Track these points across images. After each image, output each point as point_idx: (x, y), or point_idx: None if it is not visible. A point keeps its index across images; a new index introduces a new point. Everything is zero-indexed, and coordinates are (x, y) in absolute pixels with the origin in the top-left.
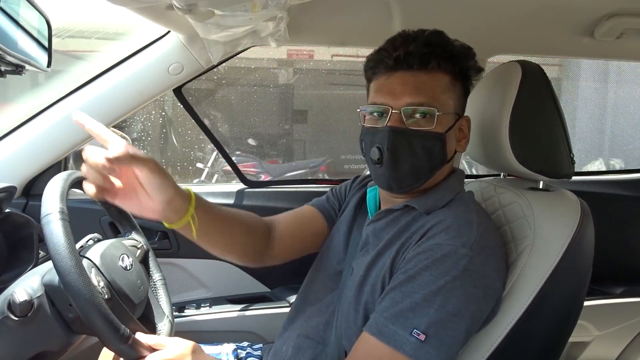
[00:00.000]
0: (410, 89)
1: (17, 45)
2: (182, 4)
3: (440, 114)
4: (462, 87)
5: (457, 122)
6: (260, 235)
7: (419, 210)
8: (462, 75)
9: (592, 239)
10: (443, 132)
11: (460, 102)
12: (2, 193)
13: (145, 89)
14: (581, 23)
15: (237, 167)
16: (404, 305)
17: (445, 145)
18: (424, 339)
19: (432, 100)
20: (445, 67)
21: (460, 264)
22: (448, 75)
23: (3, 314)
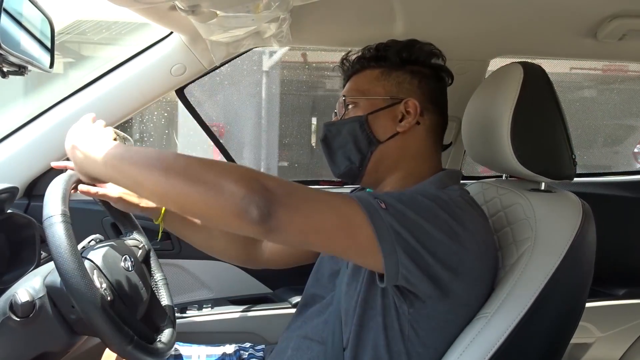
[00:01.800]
0: (344, 90)
1: (20, 45)
2: (185, 5)
3: (362, 98)
4: (404, 74)
5: (395, 106)
6: (243, 242)
7: None
8: (401, 65)
9: (594, 240)
10: (363, 114)
11: (397, 88)
12: (4, 194)
13: (147, 90)
14: (584, 24)
15: None
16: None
17: (368, 125)
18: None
19: (352, 92)
20: (370, 64)
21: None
22: (378, 68)
23: (5, 315)
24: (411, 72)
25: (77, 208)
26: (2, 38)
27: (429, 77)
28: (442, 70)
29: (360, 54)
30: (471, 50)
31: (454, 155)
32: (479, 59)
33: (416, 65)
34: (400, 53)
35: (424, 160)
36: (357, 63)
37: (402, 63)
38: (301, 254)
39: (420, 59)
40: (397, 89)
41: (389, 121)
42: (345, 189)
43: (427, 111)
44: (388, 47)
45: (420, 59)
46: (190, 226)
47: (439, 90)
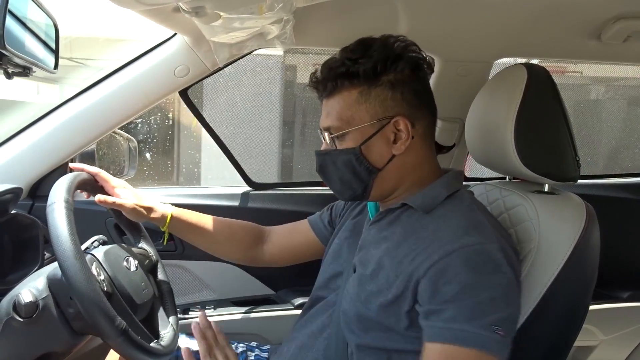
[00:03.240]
0: (323, 115)
1: (25, 47)
2: (189, 6)
3: (350, 130)
4: (384, 91)
5: (384, 128)
6: (245, 242)
7: (416, 209)
8: (378, 80)
9: (597, 242)
10: (356, 146)
11: (382, 107)
12: (8, 194)
13: (151, 91)
14: (588, 26)
15: (242, 169)
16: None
17: (363, 156)
18: (503, 334)
19: (336, 122)
20: (343, 84)
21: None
22: (353, 89)
23: (8, 315)
24: (390, 85)
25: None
26: (7, 39)
27: (410, 80)
28: (421, 64)
29: (328, 72)
30: (475, 52)
31: (457, 156)
32: (483, 61)
33: (392, 73)
34: (374, 68)
35: (425, 166)
36: (330, 83)
37: (377, 76)
38: (300, 253)
39: (396, 65)
40: (381, 108)
41: (383, 146)
42: None
43: (417, 119)
44: (358, 62)
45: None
46: (194, 231)
47: (422, 88)
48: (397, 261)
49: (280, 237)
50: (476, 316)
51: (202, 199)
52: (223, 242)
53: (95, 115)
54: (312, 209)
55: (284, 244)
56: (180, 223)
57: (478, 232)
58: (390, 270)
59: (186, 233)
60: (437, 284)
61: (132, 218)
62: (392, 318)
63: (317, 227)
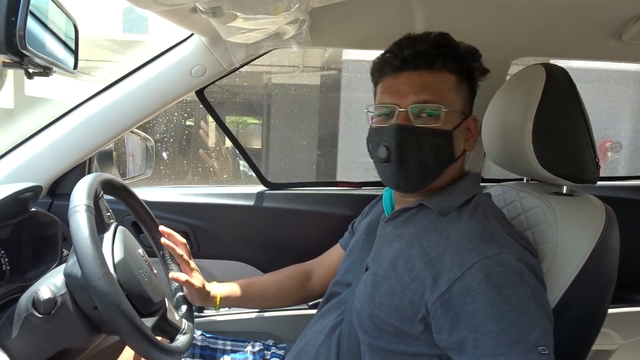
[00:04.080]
0: (416, 88)
1: (45, 47)
2: (206, 7)
3: (448, 111)
4: (468, 88)
5: (465, 122)
6: (293, 289)
7: (433, 210)
8: (468, 76)
9: (617, 245)
10: (450, 130)
11: (466, 102)
12: (28, 192)
13: (168, 91)
14: (608, 25)
15: (258, 169)
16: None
17: (452, 142)
18: (548, 351)
19: (438, 98)
20: (451, 67)
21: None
22: (454, 75)
23: (28, 311)
24: (469, 85)
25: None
26: (29, 40)
27: (474, 86)
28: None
29: (433, 48)
30: (492, 52)
31: (473, 157)
32: (501, 60)
33: (478, 76)
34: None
35: (458, 166)
36: (440, 60)
37: (470, 73)
38: None
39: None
40: (465, 103)
41: (461, 138)
42: (363, 192)
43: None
44: (463, 53)
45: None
46: (244, 301)
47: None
48: (411, 263)
49: (323, 269)
50: (518, 338)
51: (218, 198)
52: (274, 298)
53: (113, 114)
54: (327, 209)
55: (328, 274)
56: (229, 300)
57: (494, 241)
58: (404, 272)
59: (235, 304)
60: (461, 302)
61: (190, 297)
62: (407, 322)
63: (346, 244)
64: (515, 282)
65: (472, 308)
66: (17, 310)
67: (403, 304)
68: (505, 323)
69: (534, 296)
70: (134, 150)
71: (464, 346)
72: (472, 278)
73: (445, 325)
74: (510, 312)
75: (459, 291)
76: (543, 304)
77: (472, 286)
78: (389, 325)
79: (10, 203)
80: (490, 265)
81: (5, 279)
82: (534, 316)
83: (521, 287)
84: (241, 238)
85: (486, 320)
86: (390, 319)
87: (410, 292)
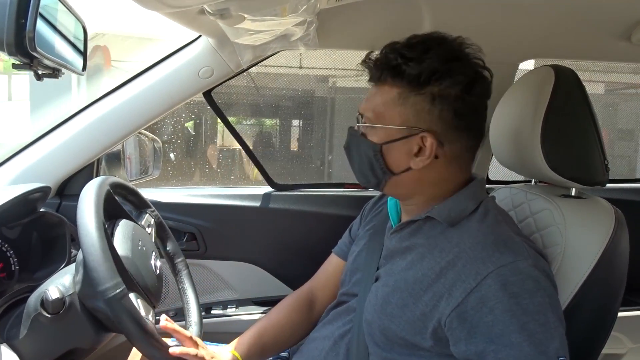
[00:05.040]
0: (365, 98)
1: (54, 49)
2: (214, 8)
3: (379, 126)
4: (423, 101)
5: (410, 137)
6: (304, 321)
7: (442, 222)
8: (417, 87)
9: (626, 248)
10: (378, 143)
11: (415, 117)
12: (37, 193)
13: (176, 92)
14: (617, 27)
15: (265, 170)
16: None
17: (382, 156)
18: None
19: (369, 112)
20: (386, 80)
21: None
22: (395, 88)
23: (36, 311)
24: (432, 98)
25: None
26: (38, 42)
27: (454, 100)
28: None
29: (381, 60)
30: (500, 53)
31: (481, 159)
32: (509, 62)
33: (436, 87)
34: (419, 76)
35: (445, 184)
36: (377, 72)
37: (421, 85)
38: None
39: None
40: (414, 117)
41: (403, 154)
42: (369, 193)
43: (450, 141)
44: (409, 61)
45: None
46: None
47: (468, 111)
48: (421, 274)
49: (326, 291)
50: (539, 349)
51: (225, 199)
52: (290, 338)
53: (121, 116)
54: (333, 211)
55: (330, 293)
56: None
57: (508, 248)
58: (416, 284)
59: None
60: (477, 314)
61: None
62: (418, 336)
63: (343, 254)
64: (532, 290)
65: (490, 319)
66: (25, 310)
67: (415, 317)
68: (525, 334)
69: (551, 304)
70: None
71: (483, 357)
72: (488, 289)
73: (462, 337)
74: (529, 322)
75: (475, 302)
76: (558, 312)
77: (489, 297)
78: (399, 338)
79: (20, 203)
80: (506, 275)
81: (15, 279)
82: (552, 325)
83: (539, 296)
84: (248, 239)
85: (506, 332)
86: (402, 332)
87: (422, 305)
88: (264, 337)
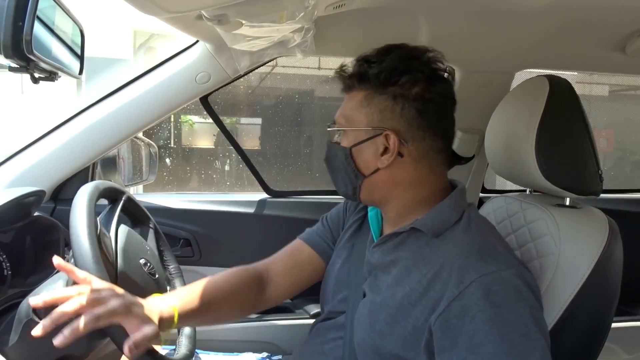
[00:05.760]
0: (338, 110)
1: (51, 52)
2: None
3: (348, 129)
4: (386, 101)
5: (376, 137)
6: (247, 295)
7: (426, 232)
8: (380, 86)
9: (620, 258)
10: (347, 147)
11: (379, 116)
12: (31, 197)
13: (172, 98)
14: (612, 38)
15: (260, 176)
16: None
17: (352, 158)
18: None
19: (339, 118)
20: (353, 85)
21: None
22: (362, 92)
23: (28, 317)
24: (393, 97)
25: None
26: (35, 45)
27: (414, 98)
28: (438, 83)
29: (347, 70)
30: (496, 63)
31: (476, 168)
32: (504, 71)
33: (398, 86)
34: (379, 75)
35: (421, 187)
36: (346, 80)
37: (384, 85)
38: (308, 281)
39: (399, 79)
40: (378, 117)
41: (370, 155)
42: None
43: (414, 139)
44: (371, 65)
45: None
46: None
47: (432, 109)
48: (409, 288)
49: (284, 277)
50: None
51: (220, 205)
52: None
53: (117, 120)
54: None
55: (290, 281)
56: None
57: (492, 257)
58: (404, 299)
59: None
60: (460, 323)
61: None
62: (411, 351)
63: (317, 245)
64: (513, 300)
65: (472, 328)
66: (17, 316)
67: (406, 332)
68: (505, 346)
69: (532, 315)
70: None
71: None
72: (471, 297)
73: (445, 347)
74: (509, 333)
75: (458, 310)
76: (541, 325)
77: (471, 305)
78: (393, 355)
79: (13, 207)
80: (489, 283)
81: (7, 284)
82: (533, 337)
83: (520, 307)
84: (243, 245)
85: (485, 342)
86: (394, 349)
87: (413, 319)
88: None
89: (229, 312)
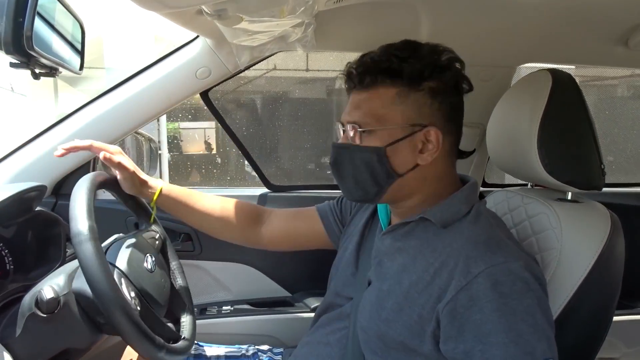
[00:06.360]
0: (351, 107)
1: (52, 48)
2: (212, 9)
3: (378, 129)
4: (423, 97)
5: (415, 134)
6: (240, 221)
7: (435, 223)
8: (417, 81)
9: (622, 252)
10: (382, 147)
11: (417, 113)
12: (32, 192)
13: (173, 93)
14: (614, 31)
15: (261, 171)
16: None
17: (387, 158)
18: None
19: (367, 117)
20: (384, 81)
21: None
22: (392, 88)
23: (31, 310)
24: (431, 93)
25: (102, 207)
26: (35, 41)
27: (450, 92)
28: (463, 82)
29: (370, 65)
30: (498, 57)
31: (477, 162)
32: (506, 65)
33: (436, 80)
34: (420, 71)
35: (442, 181)
36: (369, 77)
37: (421, 80)
38: (302, 241)
39: (443, 74)
40: (416, 114)
41: (408, 153)
42: None
43: (446, 133)
44: (404, 61)
45: (443, 74)
46: (184, 207)
47: (458, 104)
48: (416, 277)
49: (281, 221)
50: (526, 350)
51: None
52: (215, 220)
53: (118, 115)
54: None
55: (285, 228)
56: (170, 199)
57: (500, 249)
58: (410, 287)
59: (176, 209)
60: (467, 312)
61: (127, 189)
62: (417, 339)
63: (326, 218)
64: (521, 291)
65: (479, 318)
66: (20, 310)
67: (412, 320)
68: (513, 335)
69: (540, 306)
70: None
71: (471, 357)
72: (478, 287)
73: (451, 335)
74: (517, 322)
75: (465, 300)
76: (548, 315)
77: (479, 295)
78: (397, 343)
79: (15, 202)
80: (497, 274)
81: (9, 278)
82: (540, 327)
83: (528, 297)
84: None
85: (494, 331)
86: (399, 337)
87: (419, 307)
88: (194, 198)
89: (215, 222)
